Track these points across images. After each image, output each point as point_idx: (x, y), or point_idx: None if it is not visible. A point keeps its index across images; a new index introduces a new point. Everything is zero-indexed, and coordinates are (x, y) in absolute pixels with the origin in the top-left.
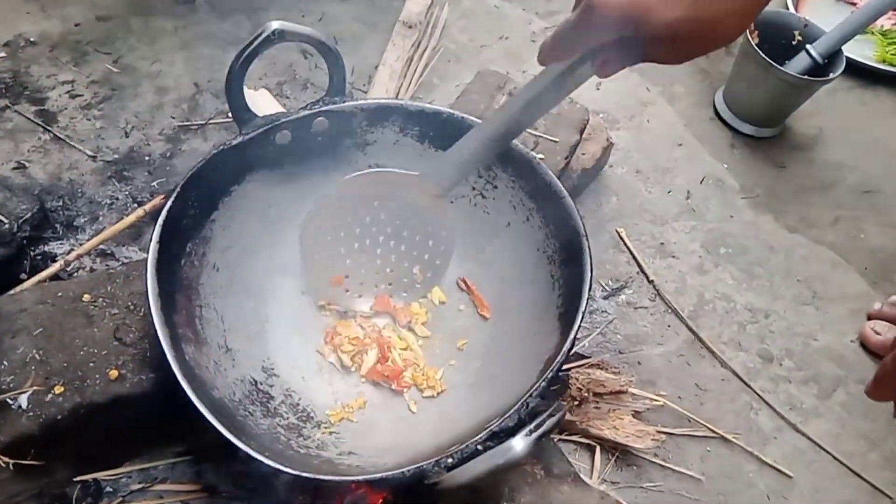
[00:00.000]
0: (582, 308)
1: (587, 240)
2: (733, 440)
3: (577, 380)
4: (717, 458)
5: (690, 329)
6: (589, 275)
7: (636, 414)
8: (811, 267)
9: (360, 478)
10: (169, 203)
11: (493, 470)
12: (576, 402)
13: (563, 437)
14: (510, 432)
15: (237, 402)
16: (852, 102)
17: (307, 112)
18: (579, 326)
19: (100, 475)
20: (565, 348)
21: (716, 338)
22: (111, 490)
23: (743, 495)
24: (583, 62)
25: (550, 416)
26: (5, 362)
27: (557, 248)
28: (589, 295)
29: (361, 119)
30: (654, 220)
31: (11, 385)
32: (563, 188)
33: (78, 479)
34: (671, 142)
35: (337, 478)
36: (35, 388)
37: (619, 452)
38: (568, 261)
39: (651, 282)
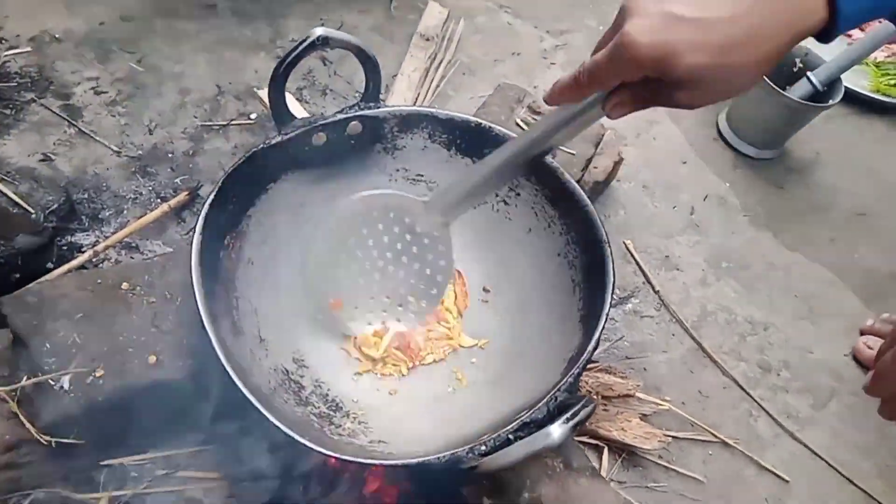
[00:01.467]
0: (606, 310)
1: (609, 247)
2: (734, 445)
3: (587, 383)
4: (718, 462)
5: (693, 338)
6: (612, 279)
7: (643, 417)
8: (808, 284)
9: (400, 462)
10: (211, 196)
11: (531, 453)
12: None
13: (574, 437)
14: (541, 423)
15: (272, 390)
16: (848, 129)
17: (343, 116)
18: (603, 327)
19: (125, 460)
20: (591, 346)
21: (717, 347)
22: (136, 475)
23: (743, 498)
24: (594, 104)
25: (584, 406)
26: (47, 345)
27: (578, 253)
28: (611, 298)
29: (393, 125)
30: (660, 234)
31: (54, 367)
32: (585, 198)
33: (104, 463)
34: (676, 159)
35: (374, 461)
36: (77, 370)
37: (625, 453)
38: (590, 266)
39: (657, 292)
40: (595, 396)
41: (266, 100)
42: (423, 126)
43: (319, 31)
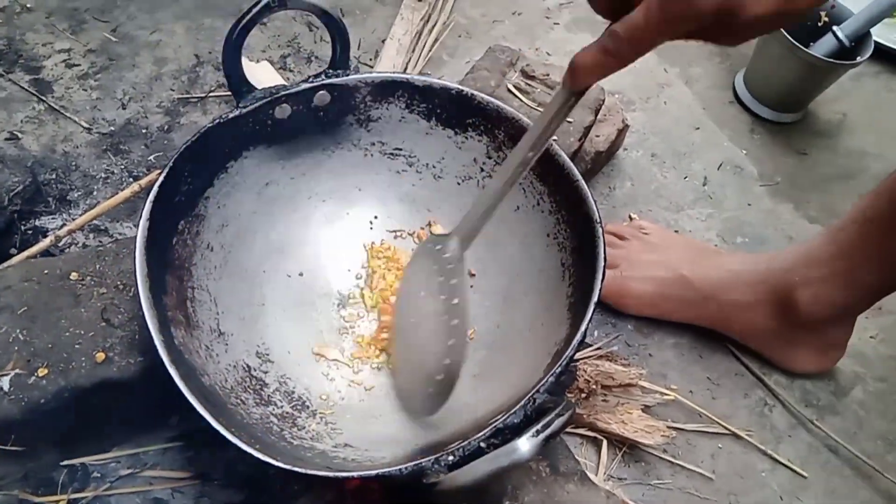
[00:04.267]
0: (594, 299)
1: (601, 226)
2: (746, 437)
3: (586, 371)
4: (728, 456)
5: None
6: (602, 264)
7: (646, 408)
8: None
9: (356, 474)
10: (160, 179)
11: (496, 472)
12: (583, 395)
13: (569, 430)
14: (516, 430)
15: (228, 390)
16: (878, 88)
17: (308, 85)
18: (591, 319)
19: (87, 460)
20: (575, 341)
21: None
22: (99, 475)
23: (755, 495)
24: None
25: (559, 415)
26: None
27: (569, 234)
28: (601, 286)
29: (365, 94)
30: (670, 207)
31: None
32: (576, 171)
33: (65, 463)
34: (688, 125)
35: (330, 473)
36: (17, 370)
37: (626, 447)
38: (580, 248)
39: None
40: (594, 386)
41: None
42: (399, 95)
43: None
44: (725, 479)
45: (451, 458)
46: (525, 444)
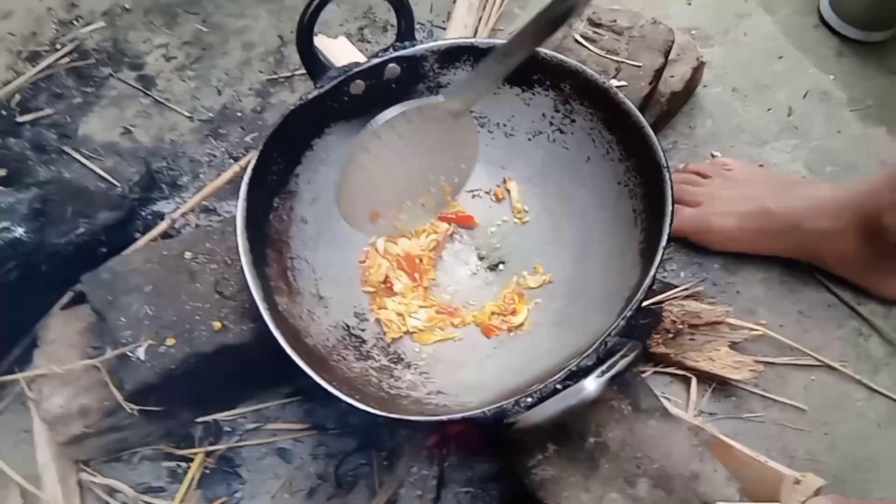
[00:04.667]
0: (662, 243)
1: (668, 172)
2: (840, 368)
3: (672, 312)
4: (822, 388)
5: None
6: (670, 209)
7: (733, 345)
8: None
9: (444, 417)
10: (252, 162)
11: (565, 410)
12: (670, 335)
13: (658, 369)
14: (587, 371)
15: (331, 348)
16: None
17: (378, 60)
18: (660, 263)
19: (218, 416)
20: (645, 285)
21: None
22: (229, 430)
23: (851, 424)
24: None
25: (624, 356)
26: (122, 318)
27: (639, 181)
28: (670, 229)
29: (433, 62)
30: (753, 141)
31: (130, 339)
32: (642, 118)
33: (199, 420)
34: (771, 55)
35: (421, 418)
36: (150, 341)
37: (716, 384)
38: (650, 194)
39: None
40: (681, 326)
41: (320, 46)
42: (464, 59)
43: None
44: (819, 411)
45: (529, 399)
46: (591, 384)
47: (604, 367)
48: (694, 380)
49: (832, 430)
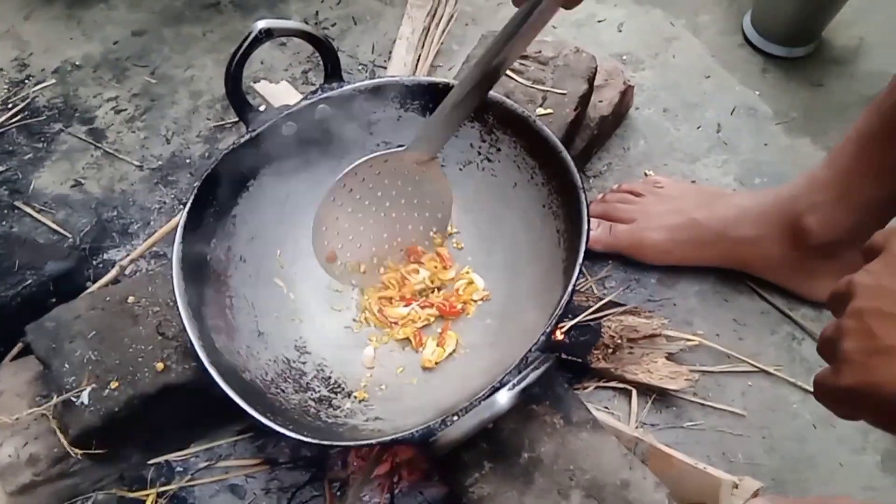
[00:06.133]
0: (579, 260)
1: (584, 192)
2: (775, 373)
3: (610, 328)
4: (759, 393)
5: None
6: (586, 227)
7: (670, 356)
8: None
9: (374, 441)
10: (187, 207)
11: (481, 424)
12: (610, 350)
13: (600, 384)
14: (502, 386)
15: (269, 382)
16: None
17: (307, 102)
18: (576, 281)
19: (170, 457)
20: (563, 302)
21: None
22: (181, 469)
23: (788, 426)
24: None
25: (535, 369)
26: (67, 364)
27: (560, 203)
28: (586, 248)
29: (361, 101)
30: (685, 159)
31: (73, 384)
32: (559, 143)
33: (151, 461)
34: (699, 75)
35: (352, 443)
36: (93, 385)
37: (656, 395)
38: (570, 214)
39: None
40: (619, 341)
41: (262, 92)
42: (392, 97)
43: (261, 24)
44: (757, 415)
45: (455, 418)
46: (503, 397)
47: (514, 381)
48: (634, 392)
49: (770, 433)
